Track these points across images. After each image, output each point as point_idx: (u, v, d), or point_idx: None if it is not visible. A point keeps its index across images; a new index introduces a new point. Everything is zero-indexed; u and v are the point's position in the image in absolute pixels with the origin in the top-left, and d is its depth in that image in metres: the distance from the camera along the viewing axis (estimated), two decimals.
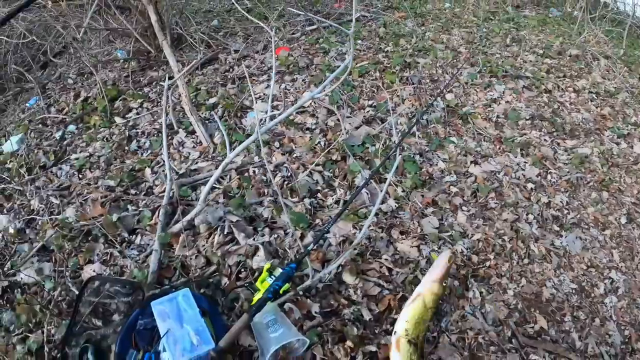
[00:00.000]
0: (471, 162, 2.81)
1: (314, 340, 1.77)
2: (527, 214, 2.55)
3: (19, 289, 2.17)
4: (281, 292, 1.79)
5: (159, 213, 2.17)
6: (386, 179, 2.36)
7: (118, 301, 1.93)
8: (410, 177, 2.57)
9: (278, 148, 2.65)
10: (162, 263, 2.01)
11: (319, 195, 2.42)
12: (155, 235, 2.08)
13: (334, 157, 2.62)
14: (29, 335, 2.00)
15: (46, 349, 1.92)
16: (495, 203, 2.56)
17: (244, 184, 2.33)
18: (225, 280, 1.94)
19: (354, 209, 2.34)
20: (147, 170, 2.47)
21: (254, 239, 2.08)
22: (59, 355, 1.86)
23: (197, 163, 2.51)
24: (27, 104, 3.41)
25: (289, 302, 1.86)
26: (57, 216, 2.34)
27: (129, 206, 2.29)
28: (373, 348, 1.80)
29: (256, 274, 1.96)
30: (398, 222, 2.33)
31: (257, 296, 1.82)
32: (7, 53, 3.44)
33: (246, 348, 1.76)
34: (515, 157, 2.93)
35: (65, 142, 2.84)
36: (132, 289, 1.94)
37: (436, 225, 2.35)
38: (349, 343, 1.77)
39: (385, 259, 2.11)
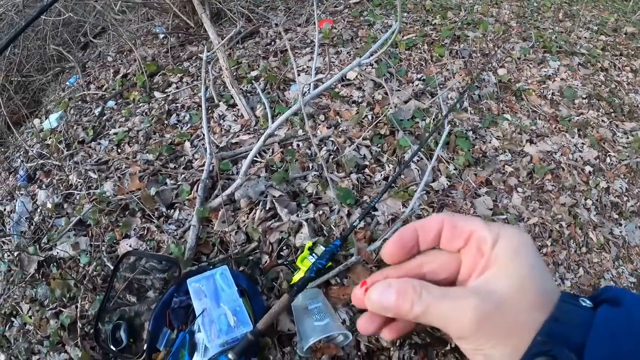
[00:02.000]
0: (526, 140, 2.62)
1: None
2: (585, 199, 2.36)
3: (54, 264, 2.11)
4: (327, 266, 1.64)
5: (197, 187, 2.05)
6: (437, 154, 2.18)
7: (153, 277, 1.82)
8: (462, 154, 2.39)
9: (323, 121, 2.48)
10: (200, 239, 1.89)
11: (366, 170, 2.24)
12: (193, 210, 1.96)
13: (382, 132, 2.43)
14: (63, 310, 1.93)
15: (79, 324, 1.84)
16: (552, 185, 2.38)
17: (288, 157, 2.18)
18: (265, 258, 1.80)
19: (404, 185, 2.16)
20: (187, 144, 2.36)
21: (297, 215, 1.92)
22: (91, 331, 1.77)
23: (238, 136, 2.38)
24: (67, 83, 3.39)
25: (333, 283, 1.71)
26: (95, 190, 2.26)
27: (167, 180, 2.18)
28: (419, 340, 1.65)
29: (299, 252, 1.81)
30: (450, 202, 2.16)
31: (298, 275, 1.67)
32: (47, 34, 3.41)
33: (285, 332, 1.62)
34: (573, 138, 2.73)
35: (104, 118, 2.78)
36: (168, 265, 1.82)
37: (490, 207, 2.17)
38: None
39: None
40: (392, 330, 0.41)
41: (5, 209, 2.57)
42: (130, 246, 1.97)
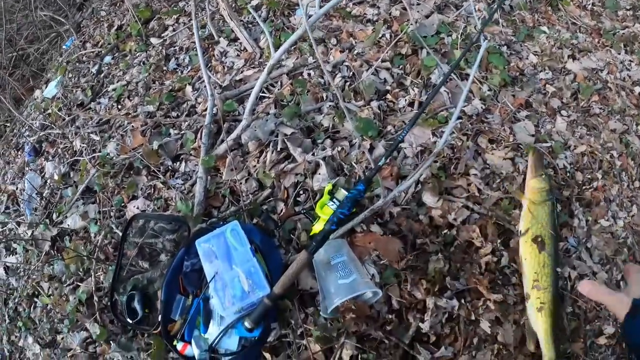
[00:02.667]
0: (568, 56, 2.24)
1: (391, 281, 1.37)
2: (636, 125, 2.03)
3: (67, 237, 1.96)
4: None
5: (201, 134, 1.80)
6: (468, 75, 1.85)
7: (164, 239, 1.62)
8: (497, 72, 2.04)
9: (335, 45, 2.14)
10: (209, 191, 1.66)
11: (388, 96, 1.92)
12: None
13: (403, 51, 2.08)
14: (79, 284, 1.79)
15: (95, 298, 1.69)
16: (600, 108, 2.04)
17: (298, 89, 1.88)
18: (281, 206, 1.55)
19: (432, 111, 1.84)
20: (188, 88, 2.10)
21: (313, 154, 1.65)
22: (108, 303, 1.61)
23: (242, 72, 2.09)
24: (64, 47, 3.17)
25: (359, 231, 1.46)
26: (98, 154, 2.06)
27: (171, 130, 1.95)
28: (460, 285, 1.42)
29: (317, 197, 1.56)
30: (486, 128, 1.83)
31: (318, 225, 1.42)
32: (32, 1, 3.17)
33: (307, 291, 1.40)
34: (619, 54, 2.34)
35: (102, 75, 2.55)
36: (177, 225, 1.62)
37: (532, 132, 1.85)
38: (428, 280, 1.40)
39: (474, 174, 1.65)
40: None
41: (17, 188, 2.45)
42: (137, 208, 1.78)
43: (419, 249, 1.46)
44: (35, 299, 1.98)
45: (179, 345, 1.37)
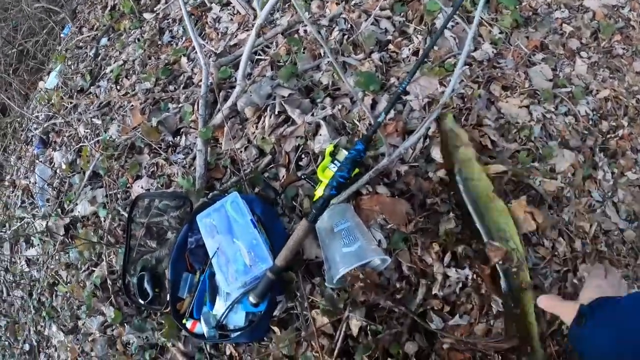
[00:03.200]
0: None
1: (399, 246, 1.27)
2: None
3: (79, 224, 1.94)
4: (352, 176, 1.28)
5: (198, 106, 1.72)
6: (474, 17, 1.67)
7: (169, 217, 1.57)
8: (508, 13, 1.84)
9: None
10: (210, 163, 1.59)
11: (390, 47, 1.77)
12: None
13: None
14: (94, 269, 1.77)
15: (109, 282, 1.67)
16: (623, 48, 1.81)
17: (294, 47, 1.76)
18: (282, 172, 1.47)
19: (439, 59, 1.68)
20: (183, 60, 2.02)
21: (312, 115, 1.55)
22: (121, 286, 1.59)
23: (236, 36, 1.99)
24: (62, 35, 3.12)
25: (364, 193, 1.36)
26: (100, 137, 2.02)
27: (169, 105, 1.88)
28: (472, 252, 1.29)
29: (319, 159, 1.46)
30: (498, 74, 1.66)
31: (319, 190, 1.33)
32: None
33: (312, 260, 1.32)
34: None
35: (99, 58, 2.50)
36: (181, 202, 1.56)
37: (549, 77, 1.66)
38: (440, 244, 1.29)
39: (488, 125, 1.50)
40: None
41: (30, 182, 2.45)
42: (142, 188, 1.74)
43: (429, 209, 1.35)
44: (56, 288, 1.99)
45: (189, 323, 1.33)
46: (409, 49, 1.74)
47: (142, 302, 1.50)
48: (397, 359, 1.21)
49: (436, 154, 1.43)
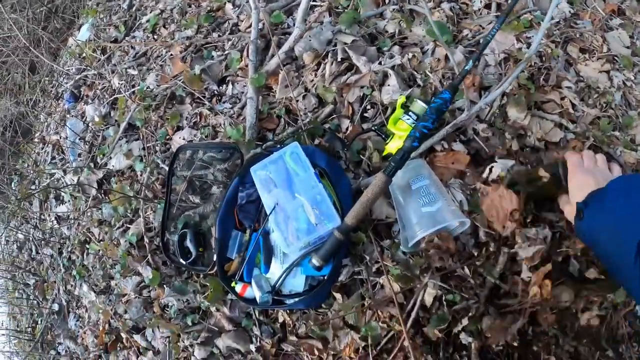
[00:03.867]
0: None
1: (479, 210, 1.11)
2: None
3: (113, 178, 1.82)
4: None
5: (248, 52, 1.56)
6: None
7: (214, 170, 1.43)
8: None
9: None
10: (262, 112, 1.44)
11: None
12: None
13: None
14: (129, 226, 1.65)
15: (146, 240, 1.55)
16: None
17: None
18: (346, 123, 1.31)
19: (515, 14, 1.53)
20: (228, 6, 1.85)
21: (380, 63, 1.38)
22: (160, 244, 1.46)
23: None
24: None
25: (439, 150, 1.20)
26: (136, 88, 1.88)
27: (213, 53, 1.72)
28: (553, 217, 1.13)
29: (388, 111, 1.30)
30: (577, 35, 1.51)
31: (392, 143, 1.17)
32: None
33: (383, 221, 1.16)
34: None
35: (134, 9, 2.35)
36: (229, 153, 1.41)
37: (627, 44, 1.52)
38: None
39: (567, 87, 1.35)
40: None
41: (60, 137, 2.34)
42: (183, 139, 1.60)
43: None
44: (87, 246, 1.88)
45: (238, 287, 1.19)
46: (481, 2, 1.57)
47: (183, 262, 1.37)
48: (473, 334, 1.07)
49: (513, 113, 1.28)
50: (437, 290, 1.08)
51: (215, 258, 1.25)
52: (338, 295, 1.15)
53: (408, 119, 1.18)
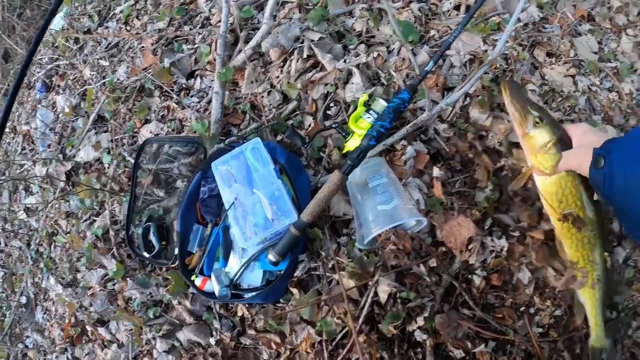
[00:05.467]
0: None
1: (437, 209, 1.13)
2: None
3: (81, 170, 1.80)
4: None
5: (216, 46, 1.56)
6: None
7: (179, 164, 1.43)
8: None
9: None
10: (228, 108, 1.45)
11: None
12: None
13: None
14: (95, 219, 1.64)
15: (111, 232, 1.54)
16: None
17: None
18: (308, 120, 1.32)
19: (482, 16, 1.54)
20: None
21: (345, 61, 1.39)
22: (125, 237, 1.46)
23: None
24: None
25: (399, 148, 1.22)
26: (106, 79, 1.87)
27: (184, 46, 1.72)
28: (509, 220, 1.19)
29: (350, 109, 1.31)
30: (544, 39, 1.54)
31: (351, 141, 1.19)
32: None
33: (340, 218, 1.18)
34: None
35: None
36: (194, 147, 1.42)
37: (594, 49, 1.57)
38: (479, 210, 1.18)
39: (532, 90, 1.39)
40: None
41: (31, 127, 2.31)
42: (150, 132, 1.60)
43: (468, 172, 1.22)
44: (54, 238, 1.87)
45: (198, 280, 1.20)
46: (450, 3, 1.60)
47: (147, 255, 1.38)
48: (428, 331, 1.09)
49: (475, 113, 1.30)
50: (392, 287, 1.10)
51: (176, 252, 1.25)
52: (295, 291, 1.17)
53: (369, 117, 1.19)
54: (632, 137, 0.78)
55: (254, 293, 1.15)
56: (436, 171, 1.15)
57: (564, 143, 0.94)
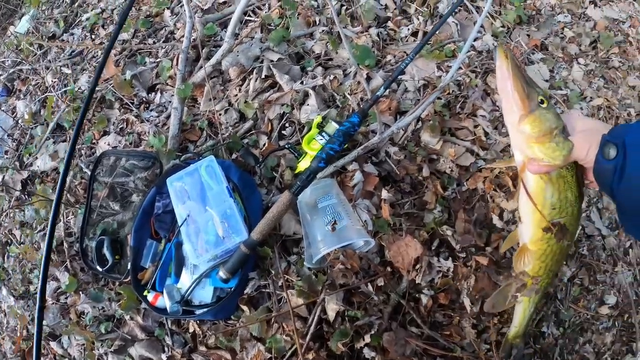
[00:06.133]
0: (590, 2, 2.00)
1: (385, 230, 1.18)
2: None
3: (38, 179, 1.78)
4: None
5: (177, 61, 1.57)
6: (479, 7, 1.69)
7: (135, 178, 1.43)
8: (512, 9, 1.82)
9: None
10: (185, 124, 1.46)
11: (389, 24, 1.69)
12: None
13: None
14: None
15: (65, 245, 1.53)
16: (619, 61, 1.84)
17: (288, 11, 1.62)
18: (263, 140, 1.35)
19: (438, 43, 1.61)
20: (166, 13, 1.86)
21: (301, 83, 1.42)
22: (78, 250, 1.45)
23: None
24: None
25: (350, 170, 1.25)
26: (68, 88, 1.85)
27: (147, 59, 1.72)
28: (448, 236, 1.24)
29: (305, 129, 1.35)
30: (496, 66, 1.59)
31: (304, 162, 1.22)
32: None
33: (290, 237, 1.21)
34: None
35: (76, 5, 2.30)
36: (150, 162, 1.42)
37: (546, 77, 1.67)
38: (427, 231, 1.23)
39: (482, 116, 1.45)
40: None
41: None
42: (108, 145, 1.59)
43: (417, 194, 1.27)
44: (7, 248, 1.83)
45: (150, 296, 1.21)
46: (408, 29, 1.67)
47: (100, 269, 1.37)
48: (375, 348, 1.13)
49: (426, 137, 1.36)
50: (340, 306, 1.13)
51: (129, 266, 1.26)
52: (245, 308, 1.19)
53: (321, 139, 1.23)
54: None
55: (205, 309, 1.16)
56: (385, 194, 1.19)
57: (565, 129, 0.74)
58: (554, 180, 0.76)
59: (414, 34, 1.65)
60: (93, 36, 2.05)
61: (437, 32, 1.61)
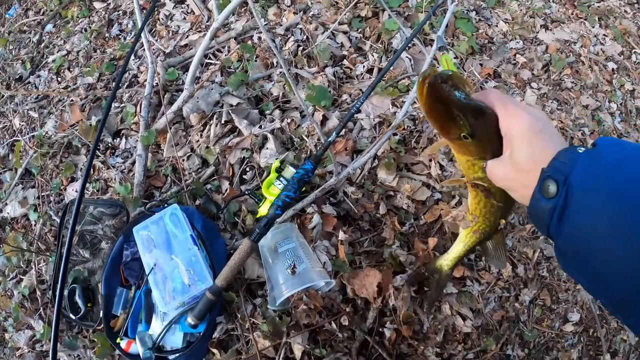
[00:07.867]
0: (541, 26, 2.11)
1: (344, 269, 1.24)
2: (608, 102, 1.93)
3: (8, 226, 1.80)
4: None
5: (141, 107, 1.62)
6: (432, 40, 1.73)
7: (103, 226, 1.47)
8: (465, 39, 1.90)
9: (289, 6, 1.94)
10: (150, 170, 1.51)
11: (344, 62, 1.76)
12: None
13: (362, 13, 1.90)
14: (22, 278, 1.64)
15: (38, 292, 1.55)
16: (572, 82, 1.94)
17: (246, 54, 1.69)
18: (225, 185, 1.40)
19: (393, 79, 1.68)
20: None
21: (260, 127, 1.49)
22: (52, 298, 1.48)
23: (187, 37, 1.89)
24: (7, 15, 2.89)
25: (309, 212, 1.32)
26: (35, 133, 1.88)
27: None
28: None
29: (265, 174, 1.41)
30: None
31: (263, 207, 1.28)
32: None
33: (254, 280, 1.27)
34: (593, 27, 2.21)
35: (42, 45, 2.33)
36: (118, 209, 1.46)
37: None
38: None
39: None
40: None
41: None
42: (76, 191, 1.62)
43: (375, 232, 1.34)
44: None
45: (123, 343, 1.25)
46: (364, 66, 1.73)
47: (73, 317, 1.40)
48: None
49: (383, 174, 1.42)
50: (305, 345, 1.19)
51: (102, 314, 1.29)
52: (215, 351, 1.23)
53: (279, 184, 1.29)
54: (604, 155, 0.48)
55: (176, 354, 1.20)
56: (342, 235, 1.26)
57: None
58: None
59: (369, 70, 1.72)
60: (59, 79, 2.08)
61: (391, 68, 1.69)
